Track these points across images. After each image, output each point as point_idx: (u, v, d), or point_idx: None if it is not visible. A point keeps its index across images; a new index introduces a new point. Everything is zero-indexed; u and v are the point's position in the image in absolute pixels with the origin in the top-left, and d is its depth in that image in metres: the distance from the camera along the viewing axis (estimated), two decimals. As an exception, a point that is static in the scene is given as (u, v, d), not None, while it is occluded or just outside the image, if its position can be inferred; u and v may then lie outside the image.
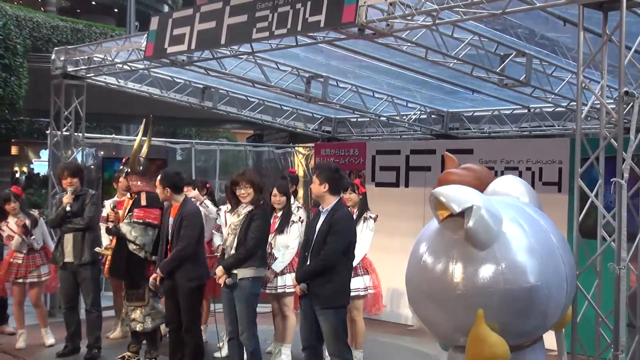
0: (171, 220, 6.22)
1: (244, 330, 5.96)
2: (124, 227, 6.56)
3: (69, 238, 7.02)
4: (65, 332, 7.29)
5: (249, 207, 5.97)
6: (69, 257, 7.01)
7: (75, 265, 6.99)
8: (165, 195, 6.25)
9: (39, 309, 7.65)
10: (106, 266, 7.02)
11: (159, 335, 6.94)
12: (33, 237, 7.41)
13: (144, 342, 6.92)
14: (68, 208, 6.96)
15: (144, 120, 7.44)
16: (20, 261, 7.41)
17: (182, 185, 6.41)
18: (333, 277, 5.47)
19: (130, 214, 6.65)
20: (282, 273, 6.81)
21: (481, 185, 3.34)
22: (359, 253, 6.65)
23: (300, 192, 8.41)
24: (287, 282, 6.76)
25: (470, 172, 3.75)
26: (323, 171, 5.64)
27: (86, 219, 6.98)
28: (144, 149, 7.14)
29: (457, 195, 2.64)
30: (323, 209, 5.62)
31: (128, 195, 6.97)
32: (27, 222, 7.38)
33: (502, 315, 2.69)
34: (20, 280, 7.44)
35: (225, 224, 7.04)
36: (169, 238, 6.23)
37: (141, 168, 6.90)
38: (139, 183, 6.80)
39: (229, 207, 7.16)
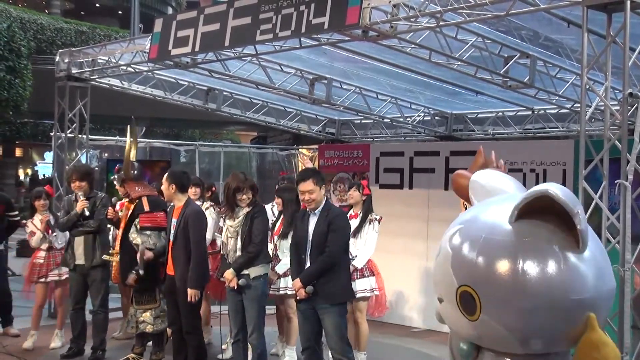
0: (174, 221, 6.19)
1: (254, 331, 5.96)
2: (139, 238, 6.50)
3: (79, 241, 7.02)
4: (67, 334, 7.30)
5: (246, 209, 5.98)
6: (80, 260, 7.01)
7: (87, 268, 7.00)
8: (170, 192, 6.20)
9: (61, 308, 7.68)
10: (114, 271, 6.99)
11: (165, 337, 6.94)
12: (55, 234, 7.49)
13: (149, 343, 6.92)
14: (87, 213, 6.94)
15: (129, 126, 7.39)
16: (42, 260, 7.50)
17: (187, 185, 6.39)
18: (337, 274, 5.49)
19: (136, 220, 6.60)
20: (285, 275, 6.81)
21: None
22: (364, 255, 6.69)
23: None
24: (290, 284, 6.75)
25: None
26: (317, 175, 5.60)
27: (97, 221, 6.99)
28: (132, 152, 7.10)
29: (572, 196, 2.54)
30: (314, 210, 5.57)
31: (126, 200, 6.91)
32: (52, 219, 7.45)
33: (601, 318, 2.63)
34: (43, 280, 7.51)
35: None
36: (171, 239, 6.22)
37: (135, 172, 6.82)
38: (137, 188, 6.76)
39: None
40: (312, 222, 5.56)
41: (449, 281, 2.71)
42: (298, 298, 5.62)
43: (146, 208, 6.59)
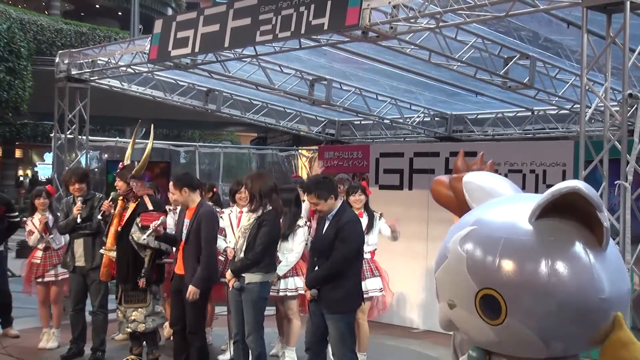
0: (187, 221, 6.23)
1: (251, 333, 5.95)
2: (147, 239, 6.42)
3: (79, 243, 7.05)
4: (67, 335, 7.30)
5: (259, 212, 5.91)
6: (79, 262, 7.03)
7: (87, 269, 7.01)
8: (184, 197, 6.24)
9: (56, 306, 7.71)
10: (102, 269, 6.94)
11: (158, 335, 6.93)
12: (52, 236, 7.52)
13: (145, 343, 6.92)
14: (79, 220, 6.97)
15: (138, 125, 7.39)
16: (38, 261, 7.54)
17: (196, 184, 6.42)
18: (343, 282, 5.46)
19: (138, 219, 6.59)
20: (285, 276, 6.80)
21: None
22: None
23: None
24: (289, 285, 6.76)
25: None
26: (320, 189, 5.54)
27: (95, 223, 6.99)
28: (128, 152, 7.12)
29: (596, 193, 2.49)
30: (328, 215, 5.59)
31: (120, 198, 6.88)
32: (50, 220, 7.49)
33: (625, 317, 2.60)
34: (40, 280, 7.55)
35: (230, 227, 7.04)
36: (183, 238, 6.24)
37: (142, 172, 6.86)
38: (139, 186, 6.76)
39: (232, 210, 7.18)
40: (326, 225, 5.57)
41: (465, 286, 2.61)
42: (307, 299, 5.67)
43: (149, 207, 6.58)
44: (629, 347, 2.50)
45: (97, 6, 34.74)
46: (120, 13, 33.68)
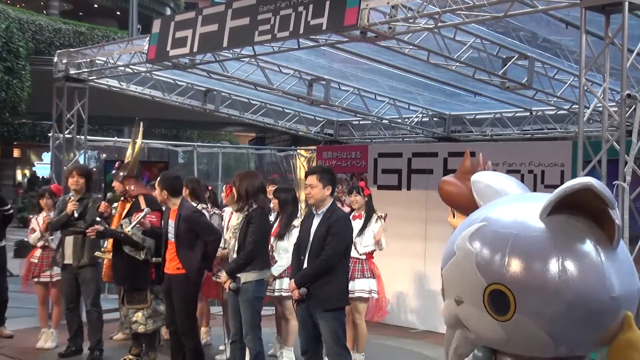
0: (171, 222, 6.24)
1: (248, 333, 5.95)
2: (129, 229, 6.49)
3: (69, 241, 7.07)
4: (66, 335, 7.30)
5: (245, 210, 5.93)
6: (69, 260, 7.06)
7: (75, 268, 7.03)
8: (162, 198, 6.29)
9: (57, 307, 7.73)
10: (104, 270, 6.98)
11: (158, 337, 6.92)
12: (52, 237, 7.54)
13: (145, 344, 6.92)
14: (76, 215, 6.98)
15: (134, 125, 7.41)
16: (36, 260, 7.58)
17: (180, 189, 6.46)
18: (332, 279, 5.44)
19: (129, 217, 6.60)
20: (281, 276, 6.80)
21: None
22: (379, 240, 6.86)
23: (303, 196, 8.41)
24: (285, 285, 6.75)
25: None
26: (325, 173, 5.57)
27: (88, 222, 6.99)
28: (131, 152, 7.12)
29: (608, 190, 2.47)
30: (318, 211, 5.57)
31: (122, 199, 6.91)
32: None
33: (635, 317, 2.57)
34: (36, 279, 7.58)
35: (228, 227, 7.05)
36: (171, 239, 6.24)
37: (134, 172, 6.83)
38: (133, 187, 6.76)
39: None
40: (315, 223, 5.54)
41: (474, 281, 2.57)
42: (293, 299, 5.62)
43: (143, 206, 6.59)
44: (639, 348, 2.49)
45: (96, 6, 34.72)
46: (118, 13, 33.67)
